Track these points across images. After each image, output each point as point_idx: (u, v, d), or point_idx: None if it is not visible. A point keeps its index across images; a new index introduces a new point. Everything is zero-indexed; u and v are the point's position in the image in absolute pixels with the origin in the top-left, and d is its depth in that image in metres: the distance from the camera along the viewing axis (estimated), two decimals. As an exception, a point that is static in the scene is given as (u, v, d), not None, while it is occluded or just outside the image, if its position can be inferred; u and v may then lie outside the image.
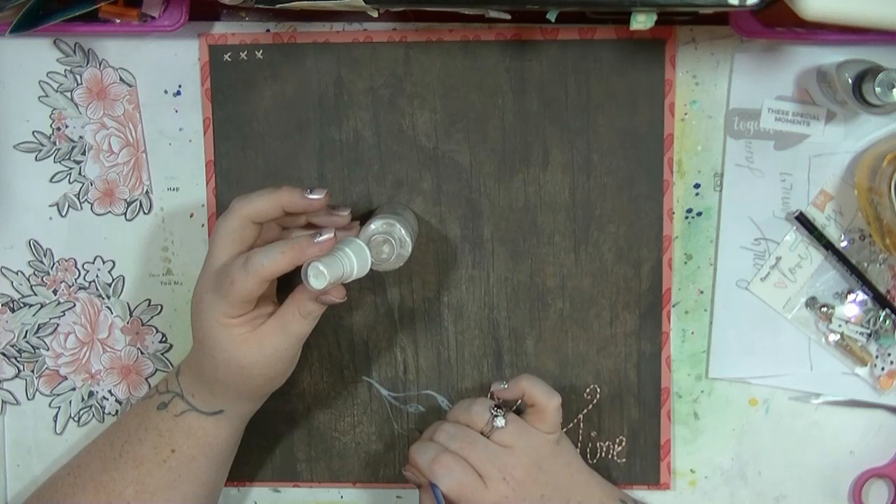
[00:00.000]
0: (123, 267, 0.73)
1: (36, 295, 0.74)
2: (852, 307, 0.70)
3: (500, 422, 0.64)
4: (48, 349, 0.74)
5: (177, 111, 0.72)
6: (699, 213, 0.71)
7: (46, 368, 0.74)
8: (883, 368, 0.70)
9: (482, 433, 0.64)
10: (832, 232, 0.69)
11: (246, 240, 0.60)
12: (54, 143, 0.72)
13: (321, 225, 0.63)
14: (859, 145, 0.69)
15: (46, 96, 0.72)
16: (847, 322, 0.70)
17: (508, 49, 0.69)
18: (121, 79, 0.72)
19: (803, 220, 0.69)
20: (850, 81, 0.63)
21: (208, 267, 0.60)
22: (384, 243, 0.61)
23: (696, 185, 0.70)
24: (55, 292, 0.74)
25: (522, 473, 0.63)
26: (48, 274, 0.74)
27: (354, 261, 0.58)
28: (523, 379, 0.66)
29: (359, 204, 0.71)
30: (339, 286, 0.59)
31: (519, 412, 0.66)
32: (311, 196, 0.59)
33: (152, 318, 0.74)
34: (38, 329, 0.74)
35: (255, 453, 0.73)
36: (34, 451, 0.75)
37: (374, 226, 0.61)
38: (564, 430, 0.68)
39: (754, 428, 0.72)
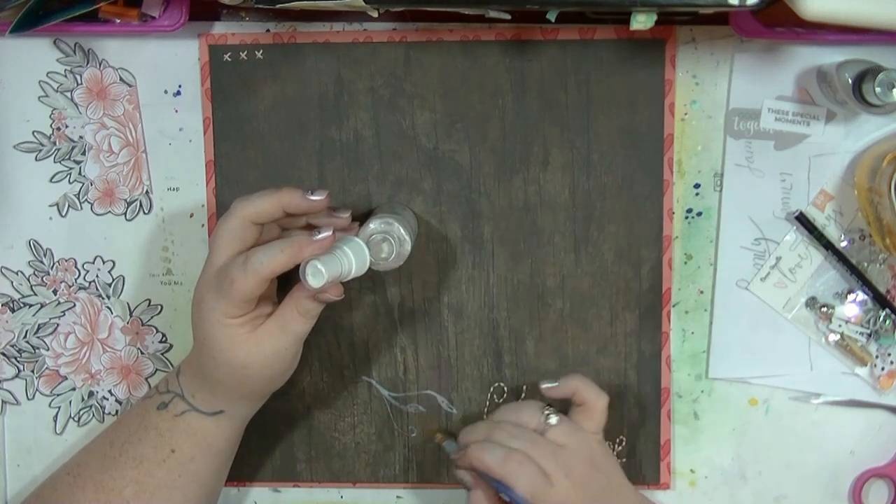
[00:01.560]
0: (123, 267, 0.73)
1: (36, 295, 0.74)
2: (852, 307, 0.70)
3: (554, 419, 0.64)
4: (48, 349, 0.74)
5: (177, 111, 0.72)
6: (699, 213, 0.71)
7: (46, 368, 0.74)
8: (883, 368, 0.70)
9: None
10: (832, 232, 0.69)
11: (246, 240, 0.60)
12: (54, 143, 0.72)
13: (321, 226, 0.63)
14: (859, 145, 0.69)
15: (46, 96, 0.72)
16: (847, 322, 0.70)
17: (508, 49, 0.69)
18: (121, 79, 0.72)
19: (803, 220, 0.69)
20: (850, 81, 0.63)
21: (209, 267, 0.60)
22: (383, 242, 0.61)
23: (696, 185, 0.70)
24: (55, 292, 0.74)
25: (581, 472, 0.62)
26: (48, 274, 0.74)
27: (353, 259, 0.58)
28: (575, 378, 0.66)
29: (359, 204, 0.71)
30: (337, 284, 0.59)
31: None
32: (313, 197, 0.59)
33: (152, 318, 0.74)
34: (38, 329, 0.74)
35: (255, 453, 0.73)
36: (34, 451, 0.75)
37: (373, 225, 0.61)
38: None
39: (754, 428, 0.72)
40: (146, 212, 0.73)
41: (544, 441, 0.63)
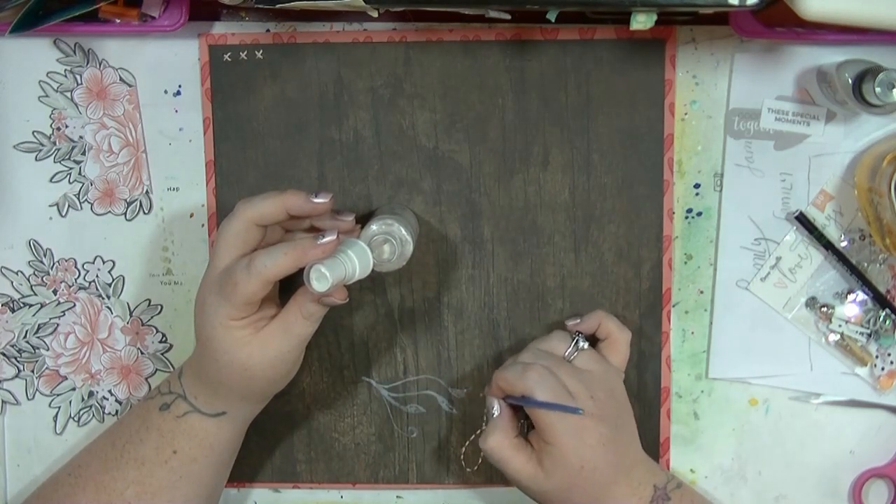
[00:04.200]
0: (123, 267, 0.73)
1: (36, 295, 0.74)
2: (852, 307, 0.70)
3: (583, 343, 0.66)
4: (48, 349, 0.74)
5: (177, 111, 0.72)
6: (699, 213, 0.71)
7: (46, 368, 0.74)
8: (883, 368, 0.70)
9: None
10: (832, 232, 0.69)
11: (250, 243, 0.60)
12: (54, 143, 0.72)
13: (325, 229, 0.63)
14: (859, 145, 0.69)
15: (46, 96, 0.72)
16: (847, 322, 0.70)
17: (508, 49, 0.69)
18: (121, 79, 0.72)
19: (803, 220, 0.69)
20: (850, 81, 0.63)
21: (212, 269, 0.60)
22: (385, 243, 0.61)
23: (696, 185, 0.70)
24: (55, 292, 0.74)
25: (603, 396, 0.64)
26: (48, 274, 0.74)
27: (356, 262, 0.58)
28: (598, 313, 0.68)
29: (359, 204, 0.71)
30: (341, 288, 0.59)
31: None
32: (316, 200, 0.59)
33: (152, 318, 0.74)
34: (38, 329, 0.74)
35: (255, 454, 0.73)
36: (34, 451, 0.75)
37: (375, 227, 0.61)
38: None
39: (754, 428, 0.72)
40: (146, 212, 0.73)
41: (569, 364, 0.65)
